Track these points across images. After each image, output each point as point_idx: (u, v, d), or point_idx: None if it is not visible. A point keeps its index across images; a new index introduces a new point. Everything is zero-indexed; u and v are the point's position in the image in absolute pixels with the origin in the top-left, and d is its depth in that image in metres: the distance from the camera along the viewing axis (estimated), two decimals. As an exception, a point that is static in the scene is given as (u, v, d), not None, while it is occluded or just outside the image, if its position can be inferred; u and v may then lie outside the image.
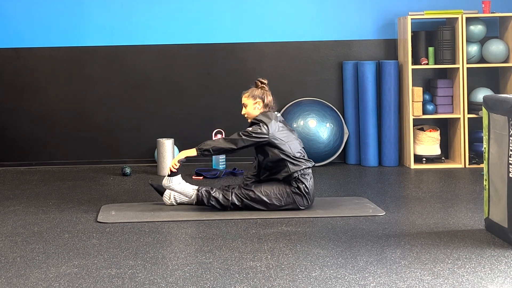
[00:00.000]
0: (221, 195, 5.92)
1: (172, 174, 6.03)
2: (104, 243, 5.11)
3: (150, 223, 5.64)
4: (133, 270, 4.51)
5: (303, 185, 5.91)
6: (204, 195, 5.95)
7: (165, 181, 6.08)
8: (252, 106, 6.05)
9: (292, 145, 5.94)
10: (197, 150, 5.92)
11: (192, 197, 6.03)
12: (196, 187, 6.04)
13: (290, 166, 5.88)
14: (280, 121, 6.01)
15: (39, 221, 5.77)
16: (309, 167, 5.95)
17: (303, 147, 6.07)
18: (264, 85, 6.11)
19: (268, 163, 5.96)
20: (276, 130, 5.91)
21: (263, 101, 6.04)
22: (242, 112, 6.12)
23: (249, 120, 6.08)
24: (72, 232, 5.43)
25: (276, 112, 6.09)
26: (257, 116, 5.99)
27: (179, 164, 6.00)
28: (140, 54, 8.23)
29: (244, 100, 6.08)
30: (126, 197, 6.65)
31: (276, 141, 5.89)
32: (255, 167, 6.18)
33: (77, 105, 8.25)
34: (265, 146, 5.92)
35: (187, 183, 6.10)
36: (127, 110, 8.27)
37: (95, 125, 8.27)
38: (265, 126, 5.88)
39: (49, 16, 8.18)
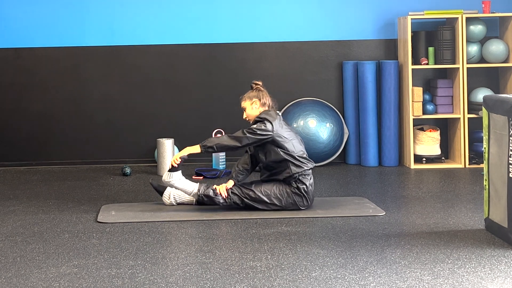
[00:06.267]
0: (221, 197, 5.92)
1: (173, 169, 6.00)
2: (104, 243, 5.11)
3: (150, 223, 5.64)
4: (133, 270, 4.51)
5: (303, 186, 5.91)
6: (205, 201, 5.94)
7: (165, 176, 6.05)
8: (250, 107, 6.06)
9: (296, 144, 5.95)
10: (201, 147, 5.91)
11: (192, 193, 5.99)
12: (197, 186, 6.01)
13: (292, 167, 5.88)
14: (282, 120, 6.02)
15: (39, 221, 5.77)
16: (310, 168, 5.96)
17: (304, 147, 6.08)
18: (259, 86, 6.13)
19: (270, 163, 5.95)
20: (280, 127, 5.91)
21: (260, 100, 6.05)
22: (244, 117, 6.13)
23: (251, 122, 6.08)
24: (72, 232, 5.43)
25: (278, 112, 6.10)
26: (260, 114, 5.99)
27: (180, 160, 5.98)
28: (140, 54, 8.23)
29: (242, 104, 6.10)
30: (126, 197, 6.65)
31: (280, 139, 5.89)
32: (246, 161, 6.14)
33: (77, 105, 8.25)
34: (268, 145, 5.91)
35: (188, 180, 6.08)
36: (127, 110, 8.27)
37: (95, 125, 8.27)
38: (269, 123, 5.88)
39: (49, 16, 8.18)
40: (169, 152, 7.66)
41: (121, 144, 8.29)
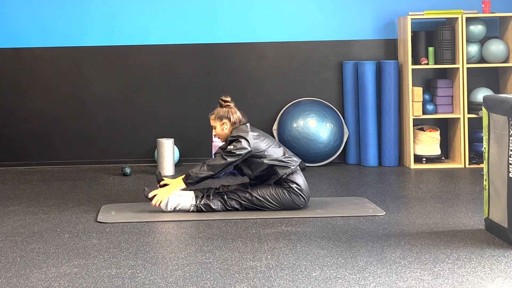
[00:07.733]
0: (220, 204, 5.92)
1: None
2: (104, 243, 5.11)
3: (150, 223, 5.64)
4: (133, 270, 4.51)
5: (294, 184, 5.92)
6: (204, 209, 5.92)
7: (164, 208, 6.00)
8: (220, 128, 6.06)
9: (274, 149, 5.96)
10: (185, 183, 5.88)
11: (191, 209, 5.97)
12: (193, 199, 5.97)
13: (279, 170, 5.89)
14: (253, 131, 6.02)
15: (39, 221, 5.77)
16: (296, 166, 5.94)
17: (284, 147, 6.08)
18: (228, 103, 6.10)
19: (258, 174, 5.98)
20: (254, 139, 5.92)
21: (230, 120, 6.03)
22: (213, 133, 6.14)
23: (221, 141, 6.10)
24: (72, 232, 5.43)
25: (247, 124, 6.10)
26: (232, 133, 5.99)
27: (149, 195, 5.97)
28: (140, 54, 8.23)
29: (212, 122, 6.10)
30: (126, 197, 6.65)
31: (259, 151, 5.90)
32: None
33: (77, 105, 8.25)
34: (249, 159, 5.93)
35: (181, 197, 5.96)
36: (127, 110, 8.27)
37: (95, 125, 8.27)
38: (244, 139, 5.89)
39: (49, 16, 8.18)
40: (169, 152, 7.66)
41: (121, 144, 8.29)
